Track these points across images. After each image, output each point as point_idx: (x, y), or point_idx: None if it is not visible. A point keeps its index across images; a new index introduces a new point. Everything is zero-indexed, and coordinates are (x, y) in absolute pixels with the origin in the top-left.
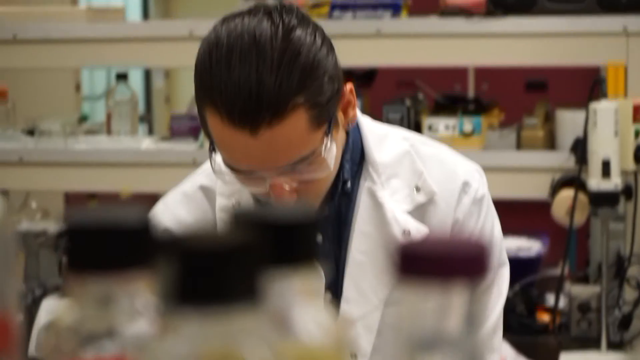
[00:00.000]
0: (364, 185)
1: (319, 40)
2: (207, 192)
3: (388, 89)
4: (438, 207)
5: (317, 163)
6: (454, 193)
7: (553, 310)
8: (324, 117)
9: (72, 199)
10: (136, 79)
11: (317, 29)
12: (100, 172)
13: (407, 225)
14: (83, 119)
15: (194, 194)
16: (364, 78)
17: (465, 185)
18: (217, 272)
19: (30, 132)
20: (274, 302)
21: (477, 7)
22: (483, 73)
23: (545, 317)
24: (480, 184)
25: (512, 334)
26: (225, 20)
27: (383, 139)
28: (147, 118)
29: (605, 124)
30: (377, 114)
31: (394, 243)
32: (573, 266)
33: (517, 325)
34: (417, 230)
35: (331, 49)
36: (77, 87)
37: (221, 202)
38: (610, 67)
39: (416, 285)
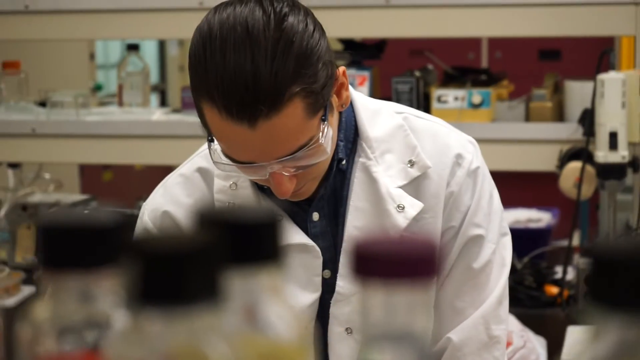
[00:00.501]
0: (358, 162)
1: (310, 27)
2: (205, 174)
3: (399, 59)
4: (432, 180)
5: (315, 150)
6: (447, 165)
7: (561, 283)
8: (320, 104)
9: (87, 171)
10: (151, 48)
11: (308, 14)
12: (112, 144)
13: (401, 200)
14: (97, 88)
15: (192, 176)
16: (374, 49)
17: (459, 157)
18: (179, 272)
19: (43, 104)
20: (239, 299)
21: None
22: (496, 42)
23: (553, 290)
24: (474, 156)
25: (520, 307)
26: (217, 9)
27: (376, 114)
28: (161, 87)
29: (612, 96)
30: (386, 86)
31: (355, 241)
32: (585, 238)
33: (525, 297)
34: (412, 205)
35: (323, 33)
36: (92, 56)
37: (219, 183)
38: (624, 39)
39: (367, 283)
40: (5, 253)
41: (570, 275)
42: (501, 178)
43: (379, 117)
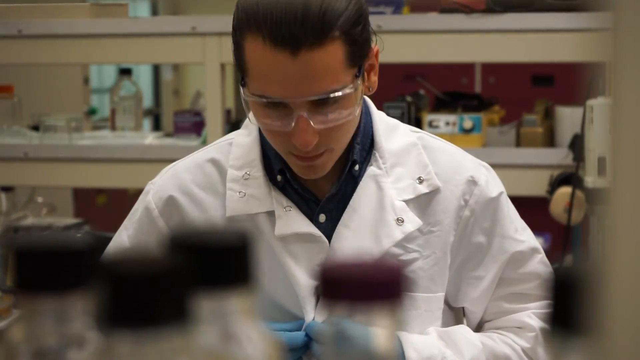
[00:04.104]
0: (370, 170)
1: None
2: (217, 165)
3: (392, 84)
4: (443, 196)
5: (346, 100)
6: (461, 183)
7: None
8: (358, 57)
9: (80, 194)
10: (145, 72)
11: None
12: (105, 168)
13: (402, 214)
14: (92, 112)
15: (203, 165)
16: None
17: (473, 177)
18: (149, 295)
19: (35, 128)
20: (211, 322)
21: (477, 4)
22: (490, 67)
23: None
24: (489, 178)
25: None
26: None
27: (392, 129)
28: (155, 111)
29: (601, 121)
30: (378, 110)
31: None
32: (574, 262)
33: None
34: (411, 220)
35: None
36: (86, 80)
37: (232, 173)
38: (609, 64)
39: (332, 306)
40: None
41: None
42: None
43: (395, 133)
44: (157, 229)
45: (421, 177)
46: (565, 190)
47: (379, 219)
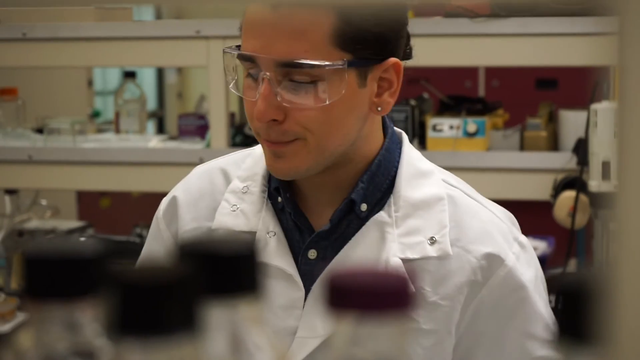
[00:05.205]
0: (377, 215)
1: None
2: (226, 174)
3: None
4: (459, 267)
5: (325, 87)
6: (481, 257)
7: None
8: (350, 46)
9: (84, 197)
10: (149, 75)
11: None
12: (109, 171)
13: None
14: (95, 114)
15: (212, 171)
16: None
17: (499, 257)
18: (159, 303)
19: (40, 131)
20: (219, 330)
21: (481, 8)
22: (493, 71)
23: None
24: (521, 261)
25: None
26: None
27: (421, 176)
28: (159, 114)
29: (605, 126)
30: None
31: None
32: (581, 267)
33: None
34: None
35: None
36: (90, 83)
37: (235, 184)
38: (616, 68)
39: (340, 316)
40: (2, 279)
41: None
42: None
43: (423, 180)
44: (160, 233)
45: (434, 237)
46: (569, 195)
47: None
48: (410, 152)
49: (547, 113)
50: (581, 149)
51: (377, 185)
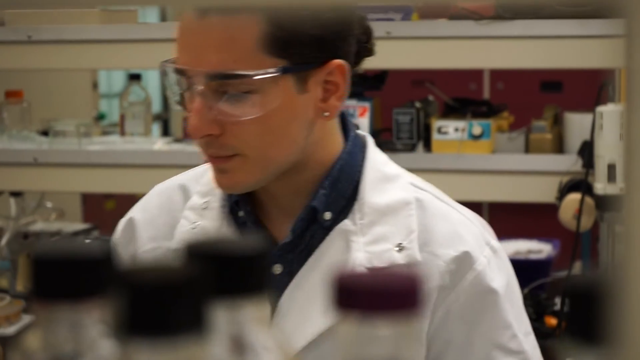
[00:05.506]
0: (342, 224)
1: None
2: (185, 190)
3: (401, 90)
4: (425, 268)
5: (260, 98)
6: (449, 261)
7: (560, 314)
8: (283, 49)
9: (89, 200)
10: (154, 77)
11: None
12: (114, 173)
13: None
14: (100, 117)
15: (171, 188)
16: (375, 80)
17: (467, 256)
18: (166, 303)
19: (45, 133)
20: (226, 330)
21: (485, 10)
22: (498, 73)
23: (553, 322)
24: (492, 265)
25: None
26: None
27: (387, 181)
28: (163, 116)
29: (611, 128)
30: (387, 117)
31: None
32: (587, 269)
33: None
34: None
35: None
36: (95, 86)
37: (194, 200)
38: (624, 72)
39: (349, 317)
40: (7, 281)
41: None
42: (501, 209)
43: (388, 185)
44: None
45: (402, 244)
46: (574, 197)
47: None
48: (375, 156)
49: (552, 115)
50: (586, 151)
51: (340, 191)
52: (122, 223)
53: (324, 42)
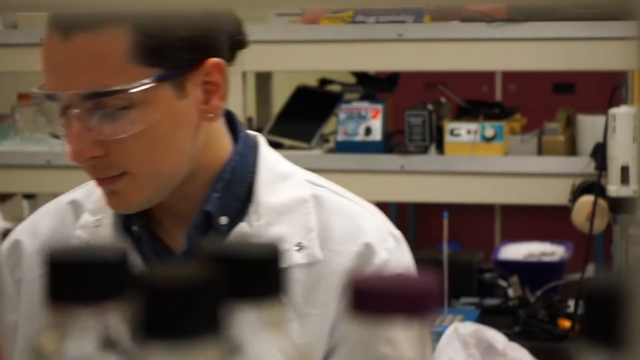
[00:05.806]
0: (239, 227)
1: None
2: (76, 207)
3: (413, 92)
4: (330, 271)
5: (139, 112)
6: (351, 256)
7: (573, 317)
8: (155, 57)
9: None
10: None
11: None
12: None
13: None
14: None
15: (61, 207)
16: (387, 82)
17: (369, 248)
18: (182, 307)
19: (57, 136)
20: (242, 333)
21: (498, 12)
22: (510, 76)
23: (566, 324)
24: (392, 254)
25: (533, 340)
26: None
27: (281, 179)
28: None
29: (624, 130)
30: (400, 119)
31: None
32: (600, 272)
33: (538, 331)
34: None
35: None
36: None
37: (85, 218)
38: (637, 74)
39: (364, 320)
40: None
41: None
42: (514, 212)
43: (283, 184)
44: (2, 277)
45: (301, 243)
46: (587, 199)
47: None
48: (267, 155)
49: (564, 117)
50: (599, 153)
51: (234, 193)
52: (6, 245)
53: (195, 43)
